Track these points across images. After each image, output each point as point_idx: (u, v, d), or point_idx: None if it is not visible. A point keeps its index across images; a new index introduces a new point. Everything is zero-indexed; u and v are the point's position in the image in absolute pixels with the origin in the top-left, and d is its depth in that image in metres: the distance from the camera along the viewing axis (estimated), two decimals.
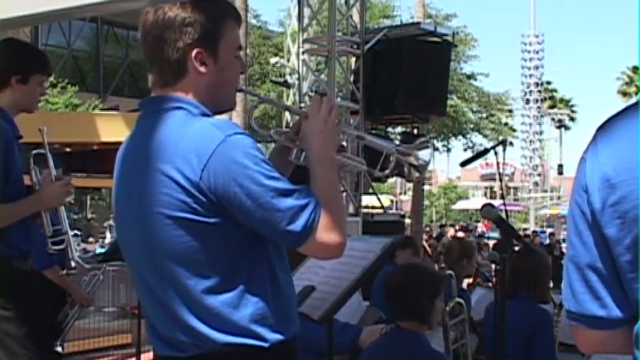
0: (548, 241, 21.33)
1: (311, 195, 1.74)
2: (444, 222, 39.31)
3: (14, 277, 3.18)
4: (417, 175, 2.08)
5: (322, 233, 1.72)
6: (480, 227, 30.05)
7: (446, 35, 9.39)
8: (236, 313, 1.73)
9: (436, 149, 29.49)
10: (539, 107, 51.15)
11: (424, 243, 15.06)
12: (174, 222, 1.71)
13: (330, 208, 1.75)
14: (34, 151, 3.27)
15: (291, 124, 2.22)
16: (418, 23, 10.97)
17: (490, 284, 7.12)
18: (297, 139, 2.01)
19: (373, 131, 9.37)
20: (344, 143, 2.07)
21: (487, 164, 51.15)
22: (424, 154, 2.06)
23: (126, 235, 1.89)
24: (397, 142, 2.40)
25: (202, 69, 1.82)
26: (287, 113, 14.17)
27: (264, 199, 1.68)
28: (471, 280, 7.20)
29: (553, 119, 56.44)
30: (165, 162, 1.71)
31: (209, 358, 1.75)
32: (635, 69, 49.01)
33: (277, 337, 1.76)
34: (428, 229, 20.73)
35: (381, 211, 10.29)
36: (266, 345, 1.74)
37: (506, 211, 6.31)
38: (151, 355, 1.89)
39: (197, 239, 1.72)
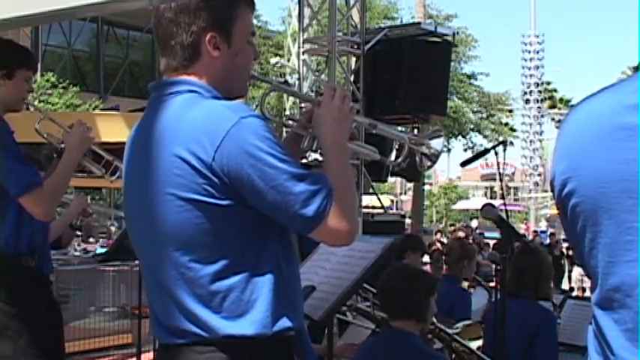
0: (548, 241, 21.28)
1: (324, 181, 1.73)
2: (443, 224, 39.23)
3: (23, 275, 3.18)
4: (429, 164, 2.07)
5: (333, 220, 1.71)
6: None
7: (446, 35, 9.36)
8: (242, 298, 1.72)
9: None
10: (539, 107, 51.09)
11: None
12: (186, 204, 1.70)
13: (342, 196, 1.74)
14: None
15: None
16: (419, 23, 10.94)
17: (491, 284, 7.10)
18: (309, 127, 2.01)
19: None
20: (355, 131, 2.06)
21: (487, 164, 51.09)
22: (436, 143, 2.05)
23: (135, 219, 1.88)
24: (409, 131, 2.39)
25: (215, 53, 1.83)
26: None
27: (278, 182, 1.67)
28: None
29: (553, 119, 56.34)
30: (178, 144, 1.71)
31: (213, 345, 1.73)
32: (635, 69, 48.88)
33: (282, 324, 1.75)
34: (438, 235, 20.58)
35: (381, 211, 10.26)
36: (270, 333, 1.73)
37: (506, 211, 6.29)
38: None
39: (208, 221, 1.71)
